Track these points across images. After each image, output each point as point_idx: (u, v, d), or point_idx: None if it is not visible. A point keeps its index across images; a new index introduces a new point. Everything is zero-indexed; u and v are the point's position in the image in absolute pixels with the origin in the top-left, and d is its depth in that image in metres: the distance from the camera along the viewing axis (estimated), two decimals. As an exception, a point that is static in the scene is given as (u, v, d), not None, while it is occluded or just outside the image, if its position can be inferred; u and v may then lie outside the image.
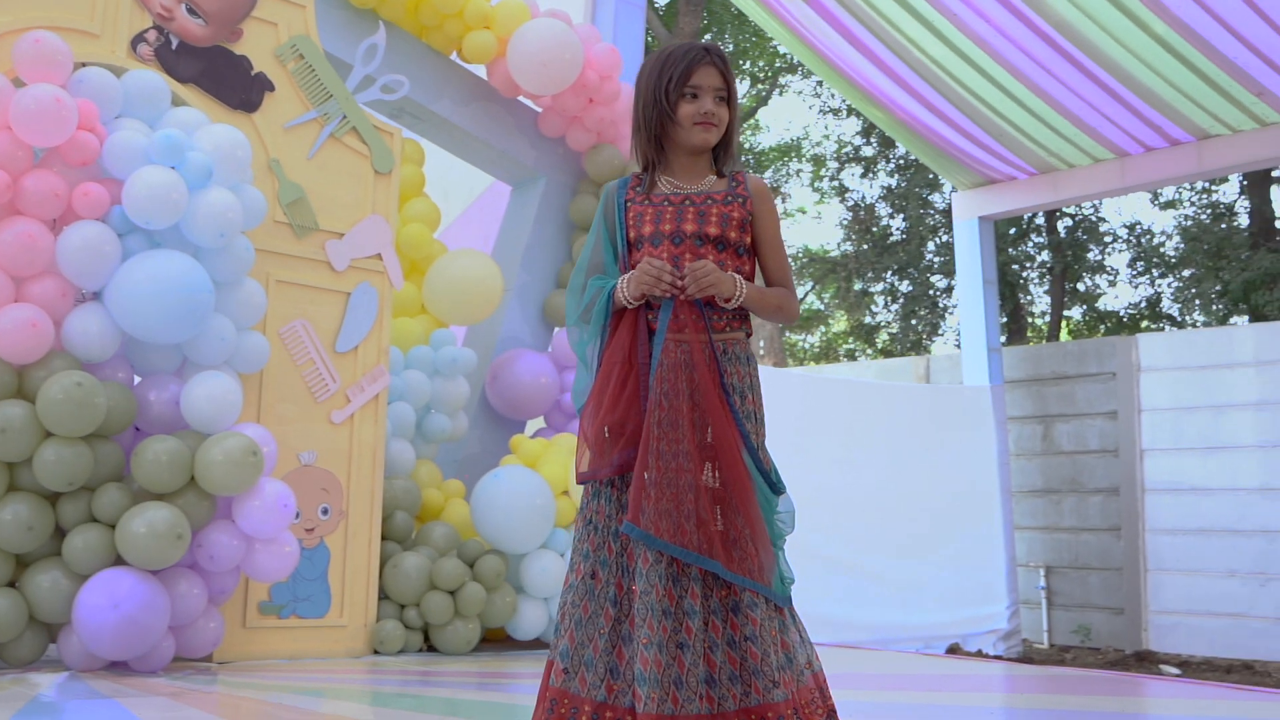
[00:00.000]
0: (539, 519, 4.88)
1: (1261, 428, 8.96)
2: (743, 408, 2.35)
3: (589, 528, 2.31)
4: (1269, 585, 8.83)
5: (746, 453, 2.28)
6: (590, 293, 2.39)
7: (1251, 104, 7.99)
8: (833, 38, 8.27)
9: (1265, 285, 12.07)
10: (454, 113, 5.75)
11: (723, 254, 2.38)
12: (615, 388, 2.31)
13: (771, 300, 2.40)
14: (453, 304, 5.44)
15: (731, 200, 2.41)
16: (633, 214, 2.43)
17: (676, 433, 2.27)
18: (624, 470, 2.29)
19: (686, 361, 2.31)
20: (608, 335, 2.36)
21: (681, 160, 2.46)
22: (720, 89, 2.42)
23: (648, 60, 2.45)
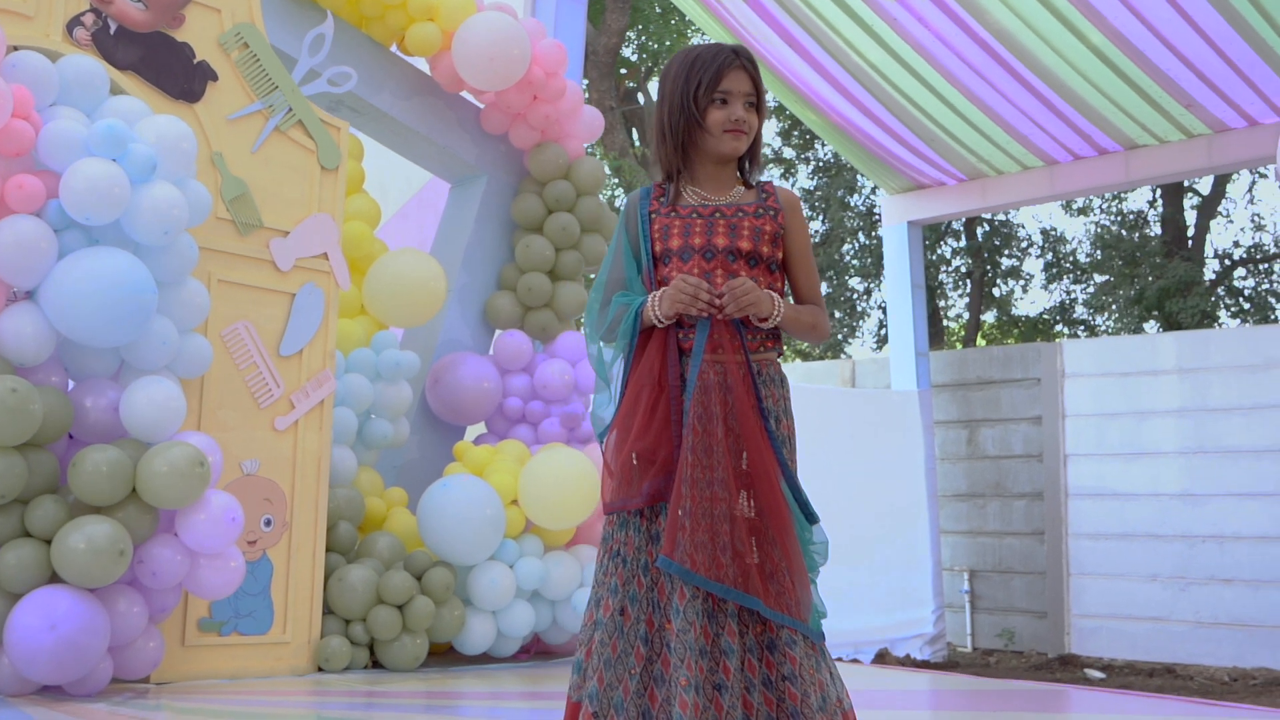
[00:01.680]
0: (489, 529, 4.72)
1: (1183, 434, 9.09)
2: (778, 432, 2.22)
3: (616, 560, 2.16)
4: (1189, 590, 8.96)
5: (784, 481, 2.15)
6: (614, 310, 2.23)
7: (1180, 115, 8.10)
8: (771, 39, 8.21)
9: (1179, 293, 12.30)
10: (394, 106, 5.56)
11: (754, 270, 2.24)
12: (645, 412, 2.15)
13: (805, 319, 2.27)
14: (395, 305, 5.25)
15: (763, 213, 2.27)
16: (658, 226, 2.28)
17: (711, 459, 2.13)
18: (655, 500, 2.15)
19: (722, 383, 2.17)
20: (634, 355, 2.21)
21: (708, 169, 2.32)
22: (750, 94, 2.28)
23: (672, 63, 2.31)
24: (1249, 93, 7.74)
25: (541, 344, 5.80)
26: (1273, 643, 8.56)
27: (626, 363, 2.22)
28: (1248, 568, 8.74)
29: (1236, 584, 8.77)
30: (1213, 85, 7.71)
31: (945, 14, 7.50)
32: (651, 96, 16.31)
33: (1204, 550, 8.94)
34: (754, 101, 2.30)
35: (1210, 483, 8.93)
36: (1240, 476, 8.81)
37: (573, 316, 5.94)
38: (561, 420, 5.60)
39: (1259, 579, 8.67)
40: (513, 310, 5.78)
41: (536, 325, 5.77)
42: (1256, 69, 7.48)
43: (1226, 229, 15.44)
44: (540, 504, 4.86)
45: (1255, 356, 8.82)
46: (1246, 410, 8.81)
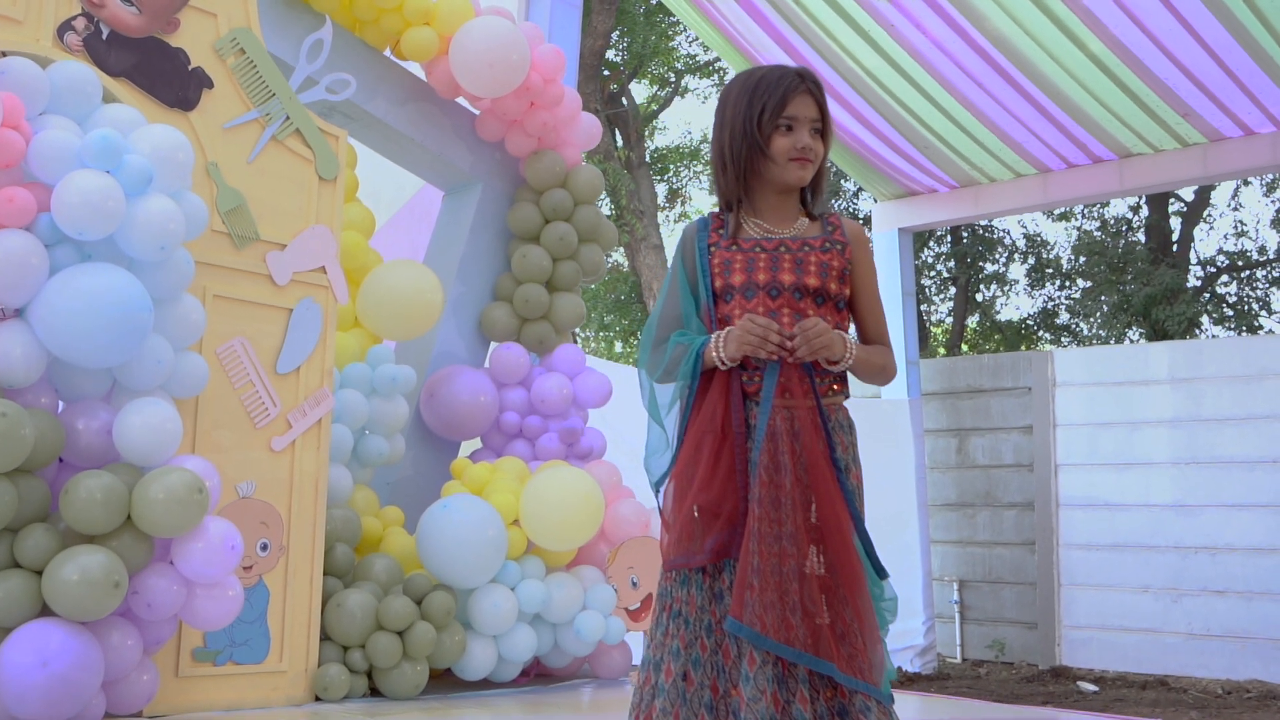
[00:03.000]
0: (491, 551, 4.58)
1: (1175, 445, 9.04)
2: (849, 483, 2.08)
3: (677, 621, 2.02)
4: (1181, 601, 8.91)
5: (857, 536, 2.02)
6: (672, 349, 2.09)
7: (1176, 124, 8.03)
8: (765, 43, 8.09)
9: (1165, 300, 12.27)
10: (388, 113, 5.41)
11: (821, 308, 2.11)
12: (708, 463, 2.01)
13: (876, 361, 2.13)
14: (390, 318, 5.10)
15: (830, 247, 2.13)
16: (718, 260, 2.13)
17: (780, 512, 2.00)
18: (720, 557, 2.01)
19: (791, 430, 2.02)
20: (694, 399, 2.07)
21: (771, 200, 2.17)
22: (816, 120, 2.14)
23: (733, 86, 2.16)
24: (1246, 102, 7.68)
25: (539, 357, 5.66)
26: (1265, 655, 8.51)
27: (686, 407, 2.07)
28: (1241, 579, 8.69)
29: (1230, 595, 8.71)
30: (1210, 94, 7.65)
31: (943, 20, 7.40)
32: (635, 98, 16.19)
33: (1196, 561, 8.88)
34: (820, 128, 2.16)
35: (1203, 493, 8.88)
36: (1233, 487, 8.76)
37: (570, 328, 5.80)
38: (560, 435, 5.46)
39: (1252, 590, 8.62)
40: (509, 322, 5.64)
41: (534, 337, 5.63)
42: (1255, 78, 7.42)
43: (1209, 235, 15.48)
44: (543, 525, 4.72)
45: (1248, 367, 8.78)
46: (1239, 421, 8.76)
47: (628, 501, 5.21)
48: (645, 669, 2.06)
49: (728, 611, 1.97)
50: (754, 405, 2.06)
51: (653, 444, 2.16)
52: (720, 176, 2.19)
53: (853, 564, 2.00)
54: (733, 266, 2.14)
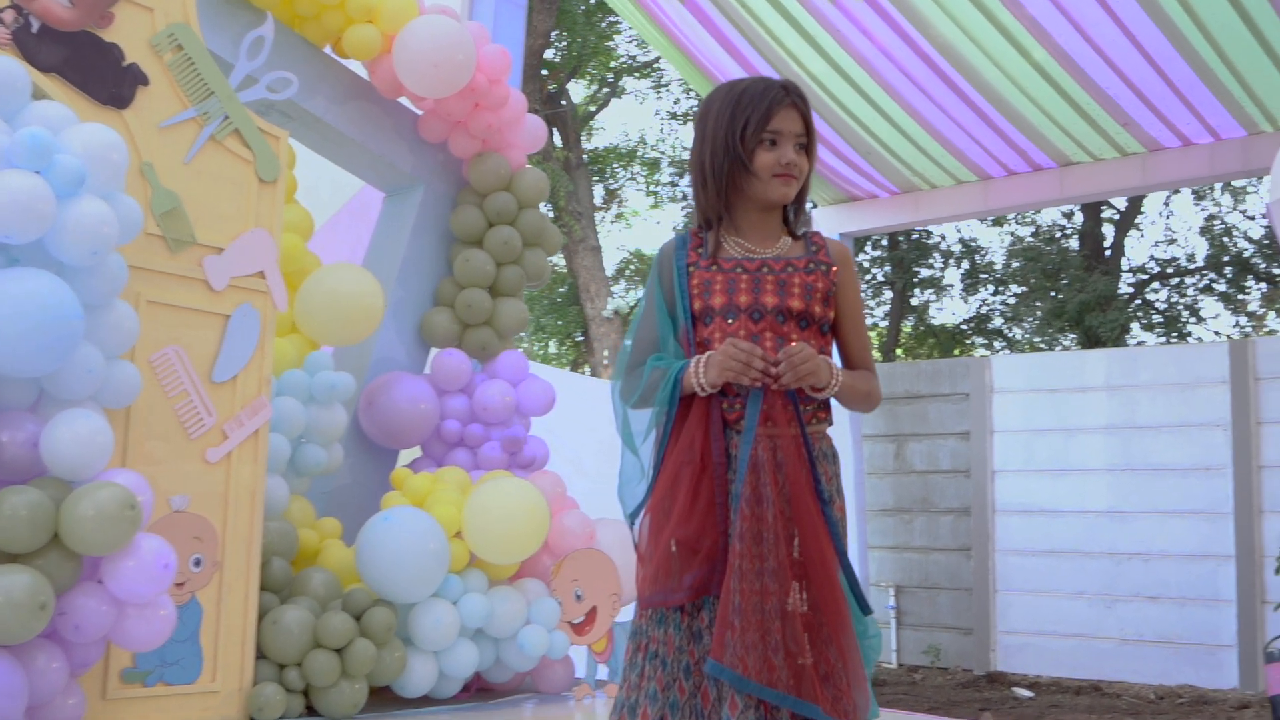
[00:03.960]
0: (432, 565, 4.46)
1: (1111, 451, 9.11)
2: (834, 515, 2.00)
3: (654, 662, 1.92)
4: (1115, 607, 8.98)
5: (841, 571, 1.94)
6: (649, 374, 1.99)
7: (1116, 133, 8.09)
8: (712, 47, 8.03)
9: (1098, 307, 12.39)
10: (328, 112, 5.26)
11: (805, 331, 2.02)
12: (687, 495, 1.91)
13: (861, 387, 2.05)
14: (329, 323, 4.96)
15: (814, 268, 2.03)
16: (698, 281, 2.03)
17: (762, 548, 1.91)
18: (699, 594, 1.91)
19: (774, 460, 1.93)
20: (671, 426, 1.97)
21: (752, 218, 2.08)
22: (801, 135, 2.04)
23: (714, 98, 2.06)
24: (1185, 113, 7.75)
25: (481, 363, 5.54)
26: (1197, 660, 8.61)
27: (663, 436, 1.97)
28: (1174, 585, 8.78)
29: (1163, 601, 8.80)
30: (1150, 104, 7.71)
31: (889, 26, 7.39)
32: (573, 98, 16.08)
33: (1130, 567, 8.97)
34: (804, 143, 2.07)
35: (1137, 500, 8.97)
36: (1167, 494, 8.85)
37: (514, 334, 5.69)
38: (503, 444, 5.35)
39: (1185, 596, 8.72)
40: (450, 328, 5.51)
41: (476, 343, 5.51)
42: (1195, 89, 7.48)
43: (1141, 243, 15.70)
44: (486, 537, 4.61)
45: (1183, 375, 8.87)
46: (1174, 428, 8.86)
47: (572, 513, 5.11)
48: (619, 712, 1.96)
49: (707, 652, 1.88)
50: (735, 434, 1.96)
51: (627, 473, 2.06)
52: (700, 192, 2.09)
53: (837, 601, 1.92)
54: (713, 287, 2.04)
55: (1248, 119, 7.66)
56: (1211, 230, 14.74)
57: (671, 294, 2.06)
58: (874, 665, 2.00)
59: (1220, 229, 14.76)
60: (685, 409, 1.98)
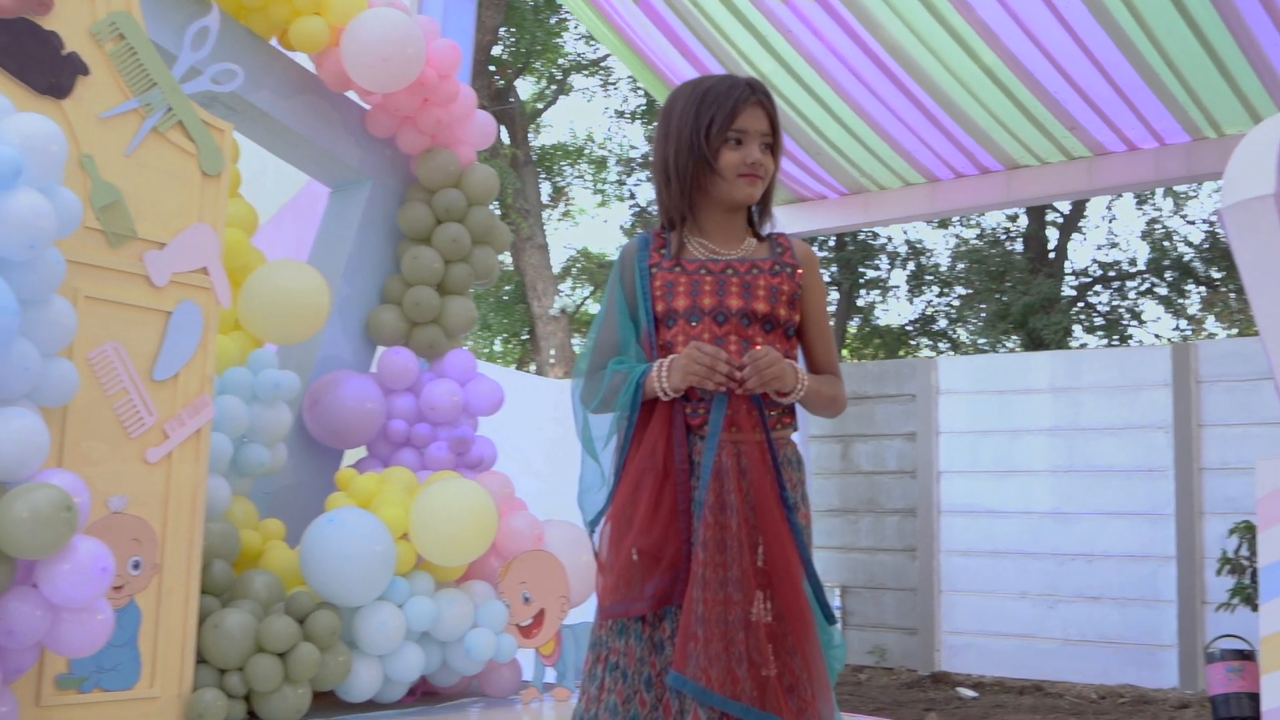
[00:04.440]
0: (378, 567, 4.39)
1: (1054, 453, 9.19)
2: (799, 523, 1.96)
3: (614, 674, 1.87)
4: (1058, 607, 9.05)
5: (807, 580, 1.90)
6: (610, 378, 1.93)
7: (1063, 137, 8.13)
8: (662, 45, 7.99)
9: (1042, 309, 12.49)
10: (274, 105, 5.16)
11: (770, 335, 1.97)
12: (649, 503, 1.87)
13: (826, 392, 2.01)
14: (274, 321, 4.86)
15: (780, 270, 1.99)
16: (660, 283, 1.98)
17: (725, 556, 1.86)
18: (661, 604, 1.86)
19: (739, 467, 1.89)
20: (633, 432, 1.92)
21: (716, 218, 2.03)
22: (767, 134, 2.00)
23: (678, 96, 2.01)
24: (1131, 117, 7.80)
25: (428, 362, 5.47)
26: (1139, 660, 8.70)
27: (624, 441, 1.92)
28: (1115, 586, 8.87)
29: (1104, 601, 8.89)
30: (1097, 108, 7.75)
31: (840, 27, 7.38)
32: (520, 95, 15.98)
33: (1073, 568, 9.04)
34: (770, 143, 2.02)
35: (1080, 501, 9.05)
36: (1109, 495, 8.94)
37: (462, 333, 5.62)
38: (450, 444, 5.28)
39: (1126, 597, 8.80)
40: (398, 326, 5.44)
41: (423, 342, 5.43)
42: (1140, 94, 7.53)
43: (1083, 246, 15.88)
44: (434, 539, 4.54)
45: (1125, 378, 8.96)
46: (1117, 430, 8.95)
47: (521, 514, 5.06)
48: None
49: (669, 664, 1.83)
50: (698, 440, 1.92)
51: (587, 480, 2.00)
52: (663, 192, 2.04)
53: (802, 610, 1.88)
54: (676, 289, 1.99)
55: (1192, 124, 7.73)
56: (1153, 234, 14.92)
57: (633, 296, 2.01)
58: (838, 675, 1.97)
59: (1161, 233, 14.95)
60: (647, 414, 1.93)
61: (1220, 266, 14.02)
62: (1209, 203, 15.35)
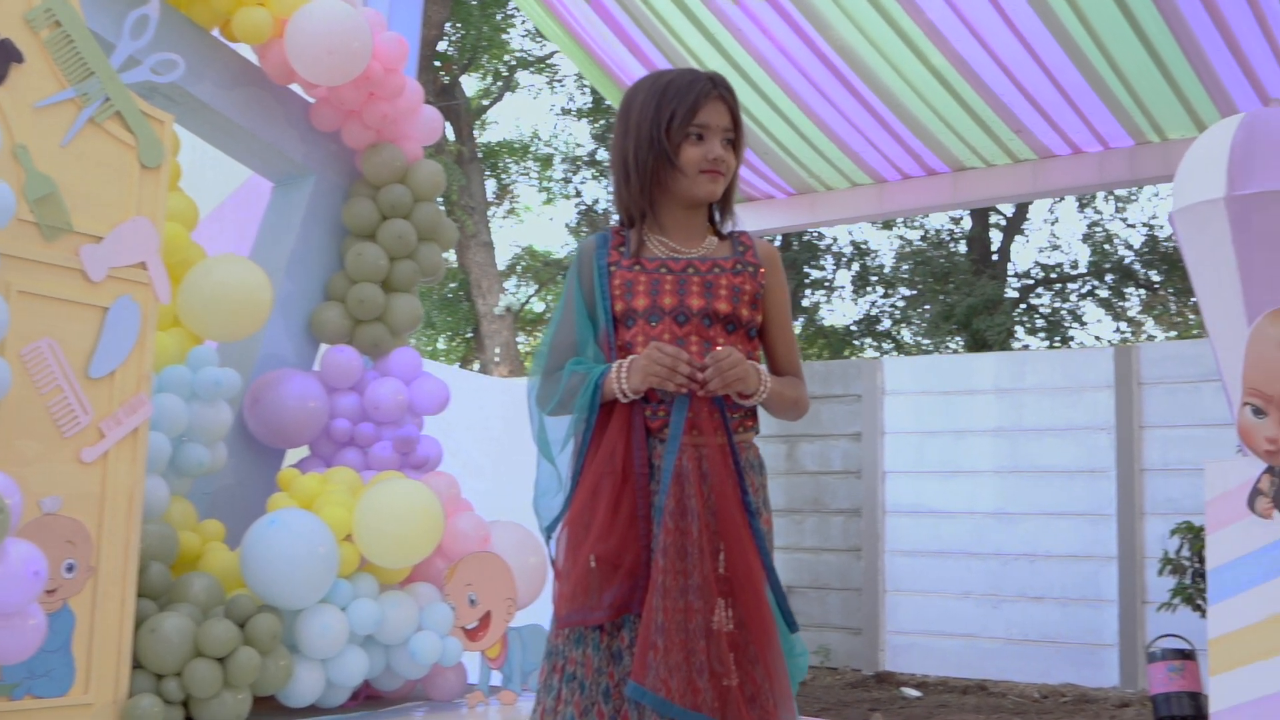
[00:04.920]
0: (321, 570, 4.30)
1: (999, 454, 9.24)
2: (761, 528, 1.91)
3: (571, 685, 1.81)
4: (1001, 607, 9.11)
5: (769, 587, 1.85)
6: (567, 379, 1.88)
7: (1009, 140, 8.18)
8: (610, 41, 7.94)
9: (986, 311, 12.58)
10: (215, 97, 5.06)
11: (732, 335, 1.92)
12: (607, 508, 1.81)
13: (789, 394, 1.97)
14: (215, 318, 4.76)
15: (742, 269, 1.94)
16: (619, 281, 1.92)
17: (686, 563, 1.81)
18: (619, 612, 1.81)
19: (700, 471, 1.84)
20: (591, 435, 1.86)
21: (677, 215, 1.98)
22: (729, 130, 1.95)
23: (638, 90, 1.95)
24: (1076, 121, 7.87)
25: (372, 360, 5.38)
26: (1080, 659, 8.77)
27: (582, 444, 1.86)
28: (1057, 586, 8.93)
29: (1047, 601, 8.95)
30: (1043, 112, 7.81)
31: (789, 26, 7.37)
32: (465, 91, 15.87)
33: (1016, 568, 9.10)
34: (732, 138, 1.98)
35: (1024, 502, 9.11)
36: (1052, 496, 9.01)
37: (407, 331, 5.53)
38: (394, 444, 5.20)
39: (1068, 596, 8.87)
40: (341, 323, 5.34)
41: (368, 340, 5.34)
42: (1085, 97, 7.59)
43: (1026, 248, 16.04)
44: (378, 540, 4.46)
45: (1069, 379, 9.03)
46: (1060, 431, 9.01)
47: (467, 515, 4.99)
48: (539, 738, 1.86)
49: (628, 674, 1.78)
50: (658, 443, 1.86)
51: (543, 484, 1.94)
52: (622, 188, 1.99)
53: (764, 618, 1.84)
54: (635, 288, 1.94)
55: (1136, 129, 7.81)
56: (1093, 237, 15.09)
57: (591, 295, 1.95)
58: (799, 684, 1.93)
59: (1102, 236, 15.11)
60: (606, 416, 1.87)
61: (1160, 270, 14.22)
62: (1149, 206, 15.57)
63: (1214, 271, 3.62)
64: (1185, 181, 3.71)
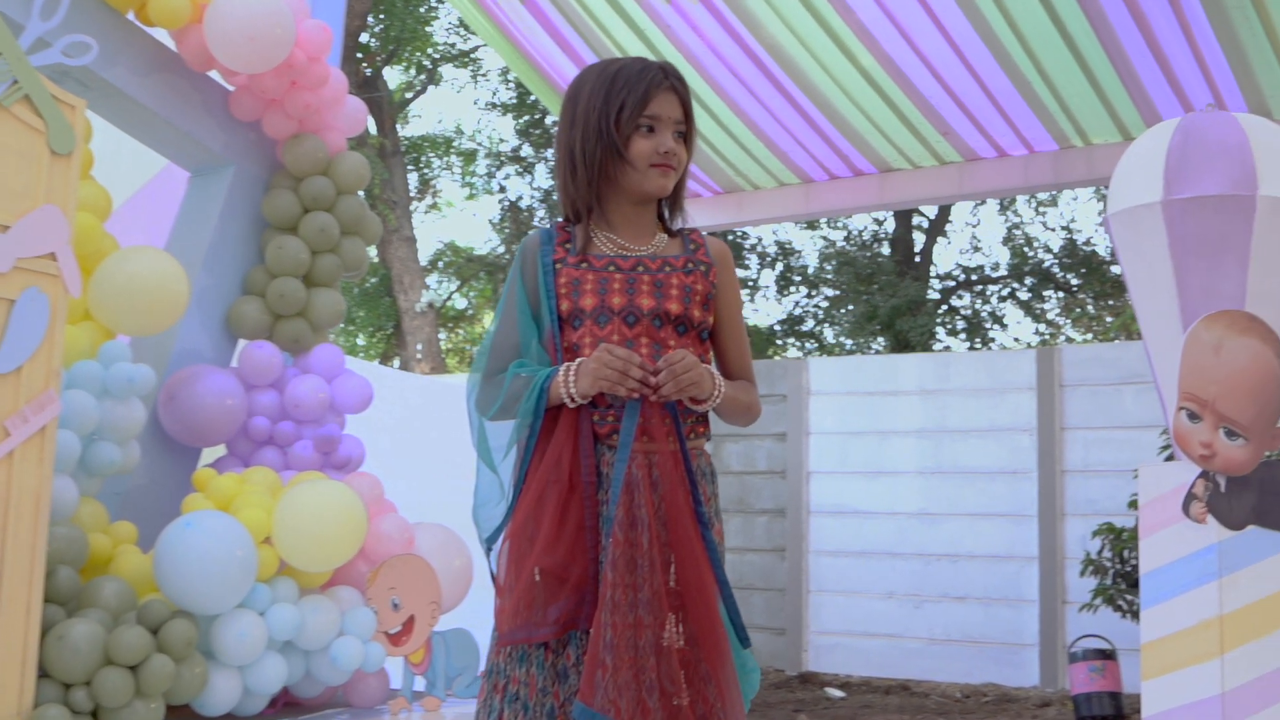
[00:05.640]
0: (238, 573, 4.15)
1: (922, 454, 9.28)
2: (714, 539, 1.83)
3: (514, 705, 1.72)
4: (923, 607, 9.14)
5: (722, 601, 1.77)
6: (510, 383, 1.77)
7: (936, 142, 8.21)
8: (539, 35, 7.83)
9: (909, 312, 12.66)
10: (130, 83, 4.88)
11: (683, 338, 1.84)
12: (553, 519, 1.71)
13: (742, 399, 1.89)
14: (128, 311, 4.58)
15: (693, 268, 1.86)
16: (565, 280, 1.82)
17: (636, 576, 1.72)
18: (566, 629, 1.72)
19: (650, 479, 1.75)
20: (535, 441, 1.76)
21: (625, 211, 1.89)
22: (680, 122, 1.88)
23: (585, 79, 1.86)
24: (1002, 124, 7.91)
25: (293, 357, 5.23)
26: (1001, 659, 8.83)
27: (526, 451, 1.76)
28: (979, 586, 8.99)
29: (969, 601, 9.00)
30: (970, 114, 7.84)
31: (720, 24, 7.32)
32: (388, 84, 15.65)
33: (939, 568, 9.15)
34: (684, 130, 1.90)
35: (946, 502, 9.15)
36: (975, 497, 9.06)
37: (329, 326, 5.39)
38: (315, 443, 5.06)
39: (990, 597, 8.93)
40: (261, 318, 5.19)
41: (288, 336, 5.19)
42: (1012, 101, 7.64)
43: (948, 250, 16.20)
44: (299, 543, 4.33)
45: (992, 381, 9.09)
46: (982, 432, 9.07)
47: (390, 516, 4.87)
48: (478, 762, 1.76)
49: (574, 693, 1.69)
50: (606, 450, 1.77)
51: (483, 493, 1.84)
52: (568, 181, 1.89)
53: (716, 634, 1.75)
54: (582, 287, 1.85)
55: (1060, 133, 7.87)
56: (1014, 240, 15.27)
57: (535, 293, 1.85)
58: (751, 700, 1.85)
59: (1022, 239, 15.30)
60: (551, 422, 1.77)
61: (1078, 274, 14.42)
62: (1068, 210, 15.79)
63: (1149, 275, 3.61)
64: (1122, 185, 3.70)
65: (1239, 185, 3.45)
